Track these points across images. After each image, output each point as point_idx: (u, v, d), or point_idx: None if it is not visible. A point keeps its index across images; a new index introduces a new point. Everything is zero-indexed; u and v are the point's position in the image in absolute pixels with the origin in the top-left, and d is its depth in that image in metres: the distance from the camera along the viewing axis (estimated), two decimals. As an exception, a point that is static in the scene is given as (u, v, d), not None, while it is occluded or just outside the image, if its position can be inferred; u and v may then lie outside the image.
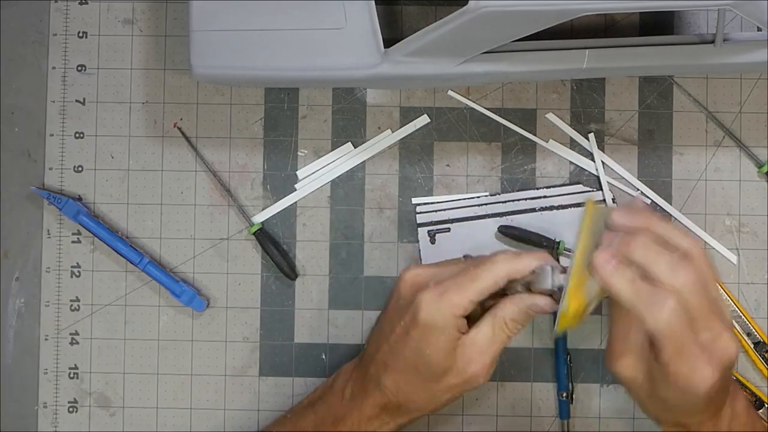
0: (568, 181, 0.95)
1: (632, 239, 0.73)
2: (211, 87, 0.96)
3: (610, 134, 0.95)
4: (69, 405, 0.96)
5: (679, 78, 0.95)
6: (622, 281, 0.73)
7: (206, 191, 0.95)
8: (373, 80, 0.85)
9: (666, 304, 0.71)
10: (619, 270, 0.73)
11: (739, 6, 0.77)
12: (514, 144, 0.95)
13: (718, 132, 0.95)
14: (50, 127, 0.96)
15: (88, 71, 0.96)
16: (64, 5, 0.96)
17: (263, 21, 0.85)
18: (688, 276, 0.72)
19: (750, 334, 0.93)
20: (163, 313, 0.96)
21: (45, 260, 0.96)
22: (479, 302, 0.79)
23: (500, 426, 0.95)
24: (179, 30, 0.96)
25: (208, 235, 0.95)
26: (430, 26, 0.81)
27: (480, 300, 0.78)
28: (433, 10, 0.95)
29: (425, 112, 0.95)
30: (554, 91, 0.95)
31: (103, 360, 0.96)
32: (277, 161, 0.95)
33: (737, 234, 0.95)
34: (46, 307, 0.96)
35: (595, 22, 0.95)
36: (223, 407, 0.95)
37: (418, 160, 0.95)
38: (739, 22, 0.94)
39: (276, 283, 0.95)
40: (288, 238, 0.95)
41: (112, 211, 0.96)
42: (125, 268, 0.95)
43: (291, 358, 0.95)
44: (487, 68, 0.84)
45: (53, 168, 0.96)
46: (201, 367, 0.95)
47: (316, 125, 0.95)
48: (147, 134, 0.96)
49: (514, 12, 0.77)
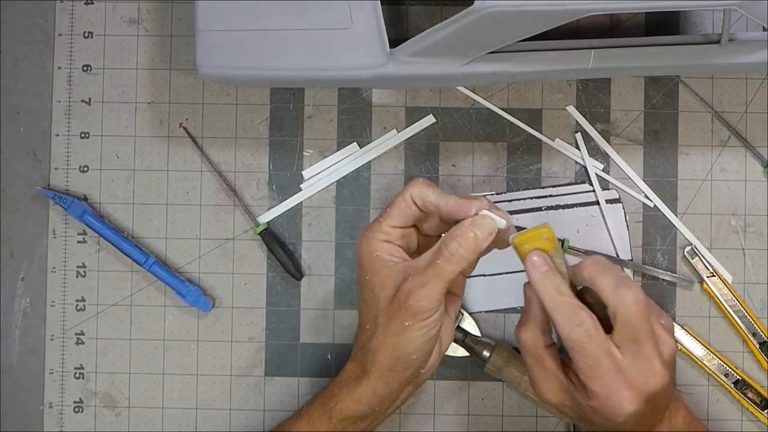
0: (573, 180, 0.95)
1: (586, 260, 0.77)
2: (216, 87, 0.96)
3: (615, 134, 0.95)
4: (75, 405, 0.96)
5: (685, 78, 0.95)
6: (549, 286, 0.76)
7: (212, 191, 0.96)
8: (379, 80, 0.85)
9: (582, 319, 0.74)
10: (548, 275, 0.76)
11: (745, 6, 0.77)
12: (519, 144, 0.95)
13: (724, 132, 0.95)
14: (56, 127, 0.96)
15: (94, 71, 0.96)
16: (69, 5, 0.96)
17: (269, 21, 0.85)
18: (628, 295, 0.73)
19: (755, 334, 0.93)
20: (168, 313, 0.96)
21: (50, 260, 0.96)
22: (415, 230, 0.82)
23: (506, 426, 0.95)
24: (185, 30, 0.96)
25: (214, 235, 0.95)
26: (435, 26, 0.81)
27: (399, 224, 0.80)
28: (439, 10, 0.95)
29: (431, 112, 0.95)
30: (560, 91, 0.95)
31: (109, 360, 0.96)
32: (283, 161, 0.95)
33: (743, 234, 0.94)
34: (52, 307, 0.96)
35: (601, 22, 0.95)
36: (228, 407, 0.95)
37: (424, 160, 0.95)
38: (745, 22, 0.94)
39: (281, 283, 0.95)
40: (293, 238, 0.95)
41: (118, 211, 0.96)
42: (131, 268, 0.95)
43: (296, 358, 0.95)
44: (493, 68, 0.84)
45: (59, 168, 0.96)
46: (206, 367, 0.95)
47: (322, 125, 0.95)
48: (152, 134, 0.96)
49: (519, 12, 0.77)
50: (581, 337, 0.74)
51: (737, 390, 0.93)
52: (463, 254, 0.77)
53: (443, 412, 0.95)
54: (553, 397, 0.79)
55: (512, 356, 0.92)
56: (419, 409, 0.95)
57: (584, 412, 0.77)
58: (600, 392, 0.74)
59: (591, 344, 0.73)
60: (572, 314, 0.74)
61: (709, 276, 0.94)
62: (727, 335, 0.94)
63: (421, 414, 0.95)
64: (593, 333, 0.74)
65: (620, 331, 0.74)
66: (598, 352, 0.74)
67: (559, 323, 0.75)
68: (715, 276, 0.94)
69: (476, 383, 0.95)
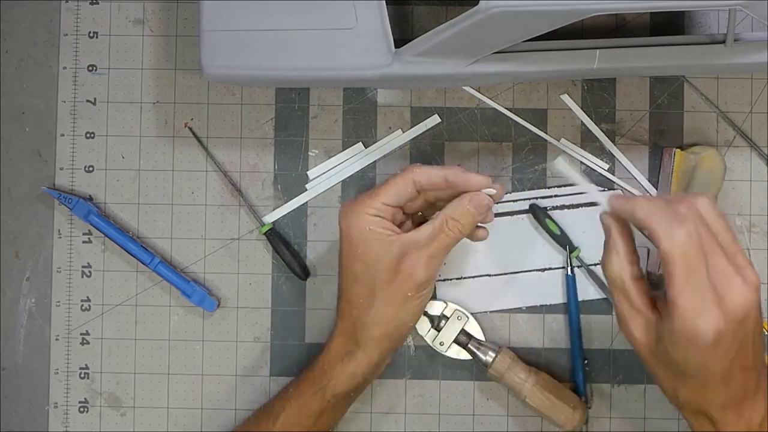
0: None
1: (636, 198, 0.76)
2: (221, 87, 0.96)
3: (620, 134, 0.95)
4: (80, 405, 0.96)
5: (690, 78, 0.94)
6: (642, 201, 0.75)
7: (217, 191, 0.96)
8: (384, 80, 0.85)
9: (684, 225, 0.72)
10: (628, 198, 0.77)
11: (750, 6, 0.77)
12: (524, 144, 0.95)
13: (729, 132, 0.95)
14: (61, 127, 0.96)
15: (99, 71, 0.96)
16: (74, 5, 0.96)
17: (274, 21, 0.85)
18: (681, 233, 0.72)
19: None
20: (173, 313, 0.96)
21: (56, 260, 0.96)
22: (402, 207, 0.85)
23: (511, 426, 0.95)
24: (190, 30, 0.96)
25: (219, 235, 0.95)
26: (440, 26, 0.81)
27: (393, 202, 0.83)
28: (444, 10, 0.95)
29: (436, 112, 0.95)
30: (565, 91, 0.95)
31: (114, 360, 0.96)
32: (288, 161, 0.95)
33: (748, 234, 0.94)
34: (57, 307, 0.96)
35: (606, 23, 0.95)
36: (233, 407, 0.95)
37: (429, 161, 0.95)
38: (750, 22, 0.94)
39: (287, 283, 0.95)
40: (299, 238, 0.95)
41: (123, 211, 0.96)
42: (136, 268, 0.95)
43: (302, 358, 0.95)
44: (498, 68, 0.84)
45: (64, 168, 0.96)
46: (212, 367, 0.96)
47: (327, 125, 0.95)
48: (158, 134, 0.96)
49: (524, 12, 0.77)
50: (683, 241, 0.71)
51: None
52: (463, 228, 0.83)
53: (448, 412, 0.95)
54: (639, 334, 0.77)
55: (515, 362, 0.92)
56: (424, 409, 0.95)
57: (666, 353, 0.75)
58: (689, 308, 0.71)
59: (693, 249, 0.71)
60: (672, 218, 0.72)
61: (714, 276, 0.94)
62: (733, 335, 0.94)
63: (426, 414, 0.95)
64: (694, 237, 0.72)
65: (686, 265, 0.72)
66: (696, 260, 0.71)
67: (657, 230, 0.72)
68: (720, 276, 0.93)
69: (481, 383, 0.95)
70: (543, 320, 0.95)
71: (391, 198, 0.83)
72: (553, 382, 0.92)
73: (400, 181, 0.84)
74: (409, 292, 0.84)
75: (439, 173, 0.83)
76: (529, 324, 0.95)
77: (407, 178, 0.84)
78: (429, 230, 0.83)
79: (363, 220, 0.83)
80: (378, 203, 0.83)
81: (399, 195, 0.84)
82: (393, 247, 0.83)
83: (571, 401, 0.91)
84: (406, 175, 0.84)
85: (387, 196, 0.83)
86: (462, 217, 0.83)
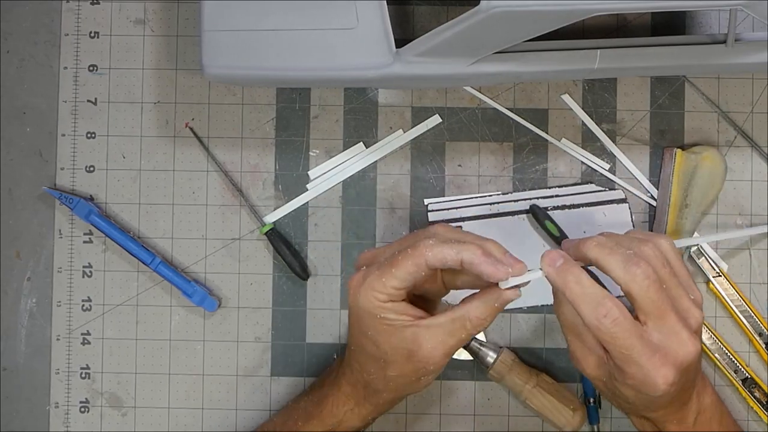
0: (579, 180, 0.95)
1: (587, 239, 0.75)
2: (222, 87, 0.96)
3: (621, 134, 0.95)
4: (81, 405, 0.96)
5: (691, 77, 0.95)
6: (569, 279, 0.74)
7: (218, 191, 0.96)
8: (385, 80, 0.85)
9: (608, 309, 0.72)
10: (565, 268, 0.74)
11: (751, 6, 0.77)
12: (525, 144, 0.95)
13: (730, 132, 0.95)
14: (62, 127, 0.96)
15: (100, 71, 0.96)
16: (75, 5, 0.96)
17: (275, 21, 0.85)
18: (638, 273, 0.72)
19: (761, 334, 0.93)
20: (174, 313, 0.96)
21: (57, 260, 0.96)
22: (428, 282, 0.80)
23: (512, 426, 0.95)
24: (191, 30, 0.96)
25: (220, 235, 0.96)
26: (441, 26, 0.81)
27: (406, 286, 0.77)
28: (445, 10, 0.95)
29: (437, 112, 0.95)
30: (566, 91, 0.95)
31: (115, 360, 0.96)
32: (289, 161, 0.95)
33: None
34: (58, 307, 0.96)
35: (607, 23, 0.95)
36: (234, 407, 0.95)
37: (430, 160, 0.95)
38: (751, 22, 0.94)
39: (287, 283, 0.95)
40: (300, 238, 0.95)
41: (124, 211, 0.96)
42: (137, 268, 0.95)
43: (302, 358, 0.95)
44: (499, 68, 0.84)
45: (65, 168, 0.96)
46: (212, 367, 0.96)
47: (328, 125, 0.95)
48: (159, 134, 0.96)
49: (525, 12, 0.77)
50: (610, 327, 0.72)
51: (745, 388, 0.93)
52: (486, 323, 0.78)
53: (449, 412, 0.95)
54: (592, 370, 0.78)
55: (516, 363, 0.92)
56: (425, 409, 0.95)
57: (620, 390, 0.76)
58: (637, 374, 0.73)
59: (621, 332, 0.72)
60: (597, 305, 0.72)
61: (715, 276, 0.94)
62: (733, 335, 0.94)
63: (427, 414, 0.95)
64: (621, 320, 0.72)
65: (640, 308, 0.73)
66: (629, 338, 0.72)
67: (585, 316, 0.73)
68: (721, 276, 0.94)
69: (482, 383, 0.95)
70: (544, 320, 0.95)
71: (403, 282, 0.76)
72: (553, 383, 0.92)
73: (411, 263, 0.76)
74: (422, 376, 0.79)
75: (454, 257, 0.75)
76: (529, 324, 0.95)
77: (419, 259, 0.76)
78: (447, 326, 0.77)
79: (374, 306, 0.77)
80: (389, 288, 0.76)
81: (410, 277, 0.76)
82: (406, 333, 0.77)
83: (571, 403, 0.92)
84: (417, 254, 0.76)
85: (398, 280, 0.76)
86: (488, 317, 0.77)
